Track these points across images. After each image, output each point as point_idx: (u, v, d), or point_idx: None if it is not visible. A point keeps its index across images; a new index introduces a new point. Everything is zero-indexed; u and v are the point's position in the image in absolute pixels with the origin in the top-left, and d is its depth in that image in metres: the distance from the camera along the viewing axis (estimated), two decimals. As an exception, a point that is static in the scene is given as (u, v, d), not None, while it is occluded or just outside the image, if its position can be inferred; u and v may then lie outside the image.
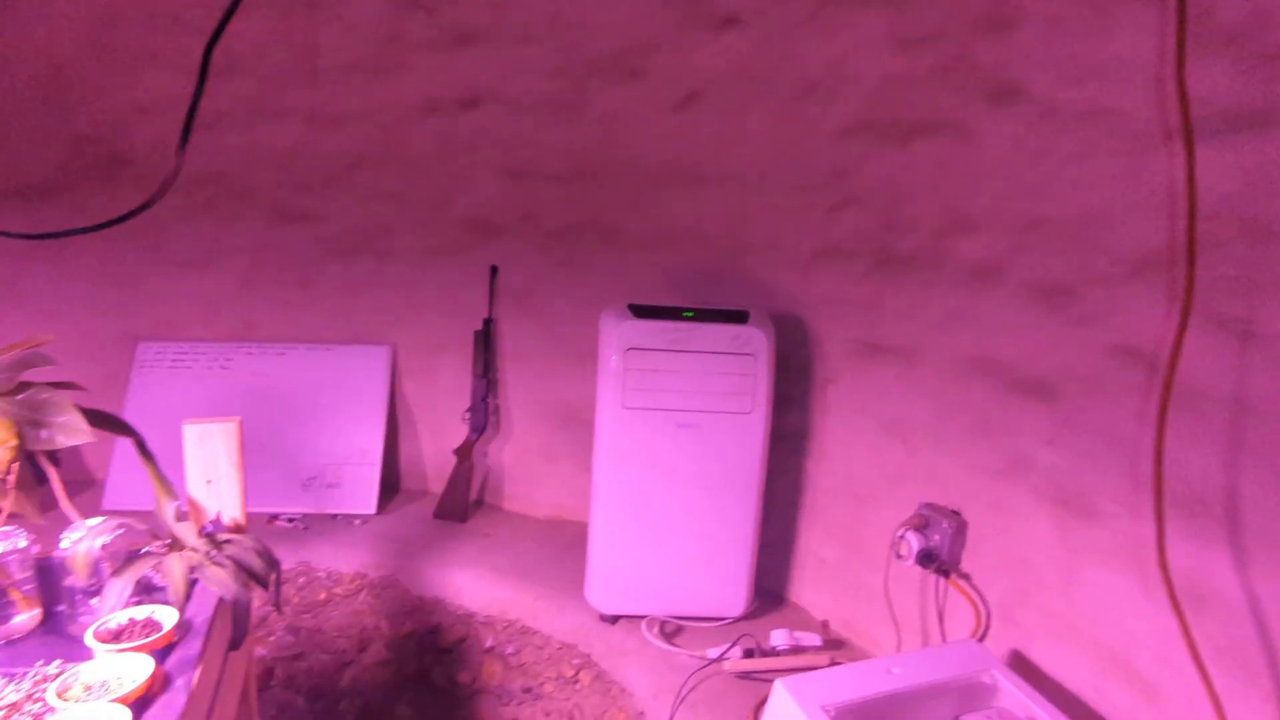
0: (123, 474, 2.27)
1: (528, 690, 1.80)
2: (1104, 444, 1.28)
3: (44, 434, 1.11)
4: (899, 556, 1.57)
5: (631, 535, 1.73)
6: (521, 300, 2.28)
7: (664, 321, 1.70)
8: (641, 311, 1.72)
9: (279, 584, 1.26)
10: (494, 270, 2.26)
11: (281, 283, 2.41)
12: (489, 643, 1.89)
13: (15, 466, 1.10)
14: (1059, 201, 1.35)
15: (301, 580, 2.03)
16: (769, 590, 1.94)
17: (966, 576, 1.53)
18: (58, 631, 1.13)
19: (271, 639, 1.97)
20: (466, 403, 2.29)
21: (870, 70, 1.65)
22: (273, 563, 1.25)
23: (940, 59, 1.52)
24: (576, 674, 1.75)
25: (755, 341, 1.69)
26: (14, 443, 1.07)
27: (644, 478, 1.71)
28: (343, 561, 2.05)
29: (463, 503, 2.24)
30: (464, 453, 2.26)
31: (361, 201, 2.32)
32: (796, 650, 1.67)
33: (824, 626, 1.82)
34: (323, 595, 2.01)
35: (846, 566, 1.81)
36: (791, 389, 1.86)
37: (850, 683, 1.27)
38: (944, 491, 1.58)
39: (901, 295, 1.67)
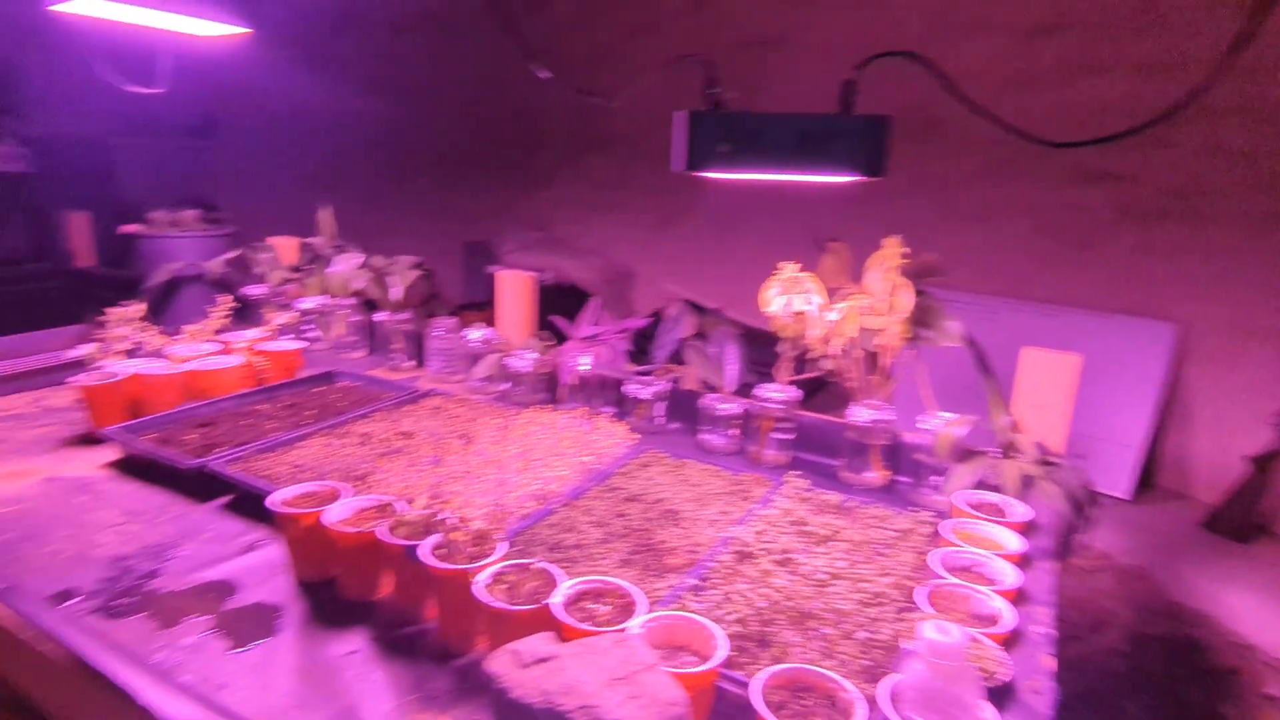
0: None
1: (1326, 770, 1.42)
2: None
3: (926, 334, 1.33)
4: None
5: None
6: None
7: None
8: None
9: (1088, 520, 1.26)
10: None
11: (1060, 243, 2.38)
12: (1272, 689, 1.55)
13: (902, 354, 1.35)
14: None
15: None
16: None
17: None
18: (896, 494, 1.36)
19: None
20: (1278, 403, 1.89)
21: None
22: (1092, 498, 1.26)
23: None
24: None
25: None
26: (909, 336, 1.31)
27: None
28: (1086, 535, 1.96)
29: (1249, 521, 1.88)
30: (1265, 464, 1.87)
31: (1181, 158, 2.08)
32: None
33: None
34: (1058, 560, 1.97)
35: None
36: None
37: None
38: None
39: None
